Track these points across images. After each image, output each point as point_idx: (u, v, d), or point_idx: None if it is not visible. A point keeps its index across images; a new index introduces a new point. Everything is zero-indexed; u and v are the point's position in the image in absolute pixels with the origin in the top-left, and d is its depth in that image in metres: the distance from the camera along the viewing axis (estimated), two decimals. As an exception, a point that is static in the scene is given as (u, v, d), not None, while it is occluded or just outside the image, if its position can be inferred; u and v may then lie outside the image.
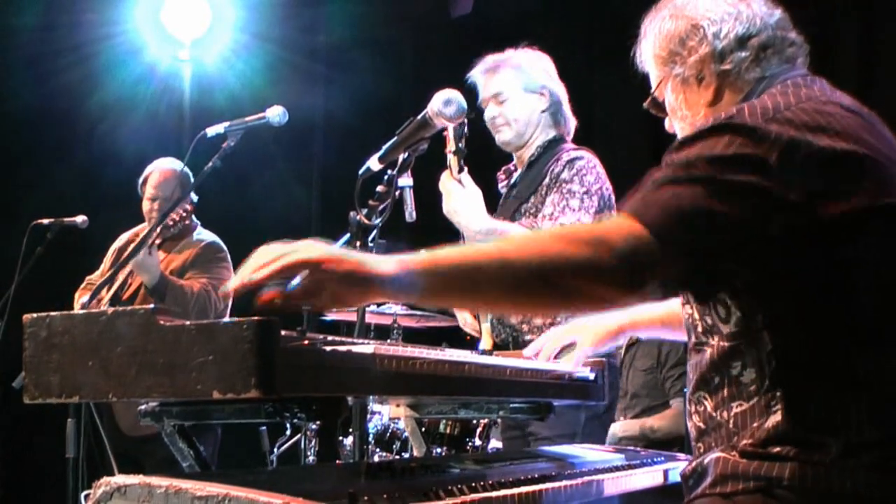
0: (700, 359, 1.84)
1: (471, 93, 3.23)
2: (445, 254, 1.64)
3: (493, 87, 3.38)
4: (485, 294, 1.68)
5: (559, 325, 2.70)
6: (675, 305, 2.34)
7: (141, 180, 4.70)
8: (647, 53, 2.05)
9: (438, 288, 1.65)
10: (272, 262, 1.54)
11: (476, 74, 3.42)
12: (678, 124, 2.04)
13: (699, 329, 1.84)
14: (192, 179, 4.58)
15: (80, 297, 4.60)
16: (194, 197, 4.61)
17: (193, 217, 4.63)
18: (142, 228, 4.72)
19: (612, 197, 3.30)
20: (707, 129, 1.71)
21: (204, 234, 4.74)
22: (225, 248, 4.70)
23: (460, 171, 2.93)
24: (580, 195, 3.18)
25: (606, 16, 5.91)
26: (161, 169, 4.68)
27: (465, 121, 2.72)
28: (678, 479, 1.93)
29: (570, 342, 2.52)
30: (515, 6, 5.87)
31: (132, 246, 4.50)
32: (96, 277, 4.70)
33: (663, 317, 2.41)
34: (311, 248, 1.56)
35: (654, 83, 2.07)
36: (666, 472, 2.32)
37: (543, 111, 3.39)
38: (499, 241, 1.68)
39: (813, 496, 1.65)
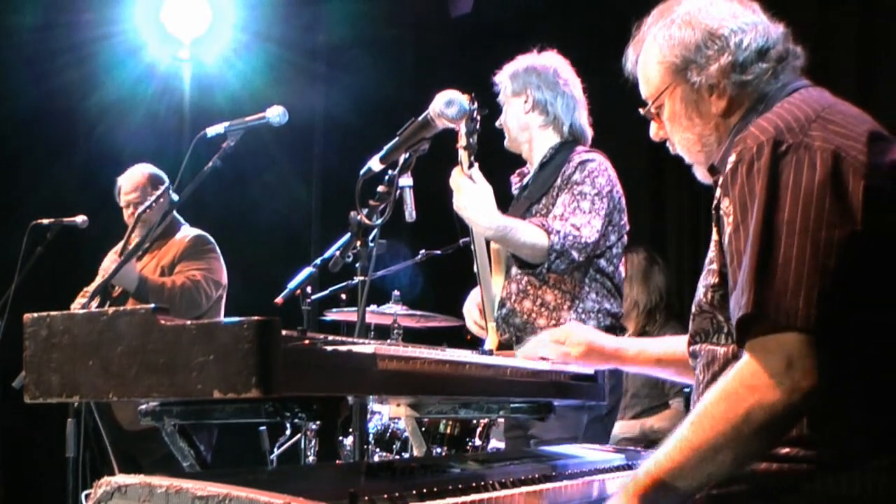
0: (714, 359, 1.83)
1: (482, 89, 3.17)
2: (656, 473, 1.66)
3: (502, 92, 3.42)
4: (716, 475, 1.66)
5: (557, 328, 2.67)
6: (673, 344, 2.33)
7: (116, 192, 4.80)
8: (651, 60, 1.99)
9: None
10: None
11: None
12: (679, 133, 1.98)
13: (725, 331, 1.82)
14: (164, 177, 4.75)
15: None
16: (175, 196, 4.62)
17: (177, 215, 4.70)
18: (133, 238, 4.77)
19: (623, 200, 3.29)
20: None
21: (190, 230, 4.83)
22: (213, 240, 4.79)
23: (470, 166, 2.92)
24: (591, 197, 3.17)
25: (606, 15, 5.90)
26: (128, 176, 4.79)
27: (478, 117, 2.71)
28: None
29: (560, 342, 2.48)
30: (515, 6, 5.87)
31: (111, 262, 4.53)
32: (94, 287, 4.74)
33: (661, 356, 2.38)
34: None
35: (651, 89, 2.00)
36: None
37: (527, 113, 3.37)
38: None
39: (820, 499, 1.64)
